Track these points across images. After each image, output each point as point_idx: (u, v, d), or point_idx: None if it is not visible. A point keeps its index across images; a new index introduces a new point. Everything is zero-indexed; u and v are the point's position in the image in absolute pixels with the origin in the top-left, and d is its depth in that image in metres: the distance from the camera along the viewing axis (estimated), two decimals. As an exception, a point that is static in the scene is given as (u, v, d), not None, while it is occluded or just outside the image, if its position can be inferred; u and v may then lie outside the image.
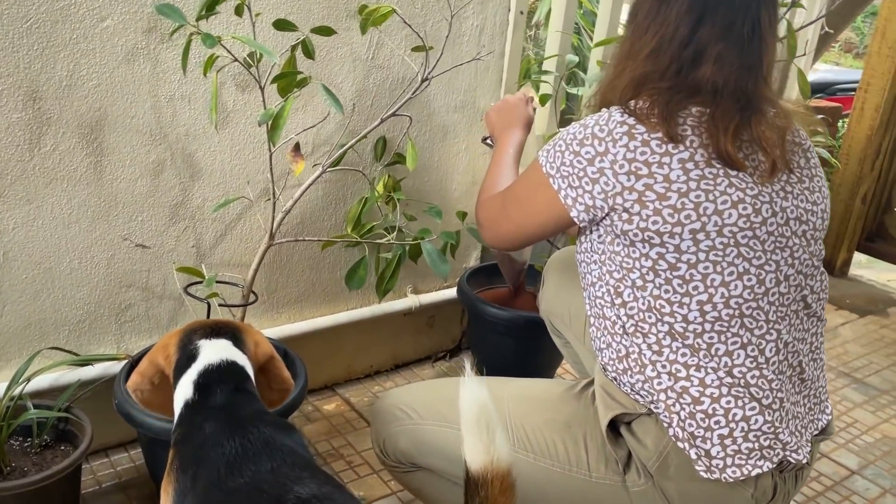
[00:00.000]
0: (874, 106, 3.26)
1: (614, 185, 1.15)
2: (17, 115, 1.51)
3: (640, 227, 1.15)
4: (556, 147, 1.24)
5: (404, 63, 1.97)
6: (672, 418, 1.19)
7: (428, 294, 2.33)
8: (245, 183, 1.84)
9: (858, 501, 1.98)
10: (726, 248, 1.15)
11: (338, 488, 1.02)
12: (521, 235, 1.37)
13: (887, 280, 3.56)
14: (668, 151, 1.14)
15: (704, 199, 1.13)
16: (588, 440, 1.27)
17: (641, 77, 1.23)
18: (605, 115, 1.20)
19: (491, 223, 1.44)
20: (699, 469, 1.18)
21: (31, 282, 1.64)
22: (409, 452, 1.38)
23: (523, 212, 1.33)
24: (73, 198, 1.63)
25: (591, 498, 1.26)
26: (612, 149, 1.16)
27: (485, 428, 0.87)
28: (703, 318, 1.17)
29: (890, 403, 2.48)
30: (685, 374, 1.18)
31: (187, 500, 1.07)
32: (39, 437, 1.57)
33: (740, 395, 1.17)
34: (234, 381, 1.15)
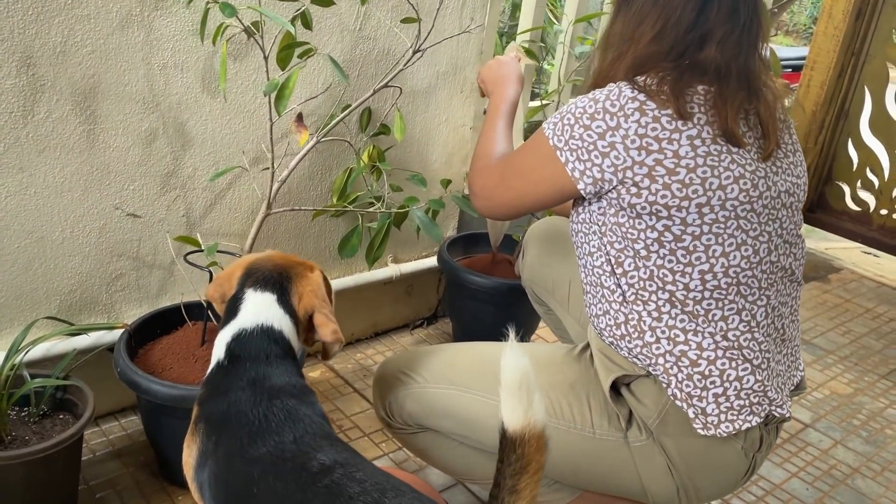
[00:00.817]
0: (819, 83, 3.44)
1: (625, 160, 1.20)
2: (11, 82, 1.49)
3: (649, 201, 1.21)
4: (564, 120, 1.26)
5: (391, 34, 1.99)
6: (670, 380, 1.27)
7: (408, 263, 2.38)
8: (235, 152, 1.85)
9: (813, 451, 2.15)
10: (727, 221, 1.23)
11: (354, 454, 1.06)
12: (520, 205, 1.39)
13: (825, 248, 3.78)
14: (677, 128, 1.20)
15: (710, 174, 1.20)
16: (591, 399, 1.34)
17: (644, 58, 1.27)
18: (615, 89, 1.24)
19: (488, 192, 1.44)
20: (696, 426, 1.27)
21: (23, 251, 1.62)
22: (417, 414, 1.44)
23: (525, 182, 1.35)
24: (65, 166, 1.61)
25: (594, 453, 1.33)
26: (624, 123, 1.20)
27: (525, 392, 0.91)
28: (704, 287, 1.25)
29: (836, 362, 2.66)
30: (683, 338, 1.26)
31: (208, 463, 1.10)
32: (38, 407, 1.57)
33: (734, 357, 1.27)
34: (265, 349, 1.17)
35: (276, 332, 1.19)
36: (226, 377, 1.16)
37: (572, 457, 1.34)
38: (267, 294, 1.22)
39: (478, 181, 1.48)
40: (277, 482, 1.01)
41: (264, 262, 1.27)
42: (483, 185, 1.46)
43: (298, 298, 1.24)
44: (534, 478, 0.92)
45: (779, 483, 2.00)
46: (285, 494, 0.99)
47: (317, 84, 1.91)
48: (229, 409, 1.11)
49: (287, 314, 1.22)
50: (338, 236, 2.15)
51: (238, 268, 1.28)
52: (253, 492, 1.01)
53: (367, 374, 2.24)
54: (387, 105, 2.05)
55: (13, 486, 1.45)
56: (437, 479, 1.83)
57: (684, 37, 1.25)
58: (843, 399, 2.43)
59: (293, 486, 0.99)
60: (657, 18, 1.27)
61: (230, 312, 1.22)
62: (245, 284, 1.24)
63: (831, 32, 3.36)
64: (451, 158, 2.34)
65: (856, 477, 2.06)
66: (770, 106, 1.28)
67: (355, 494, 0.96)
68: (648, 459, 1.31)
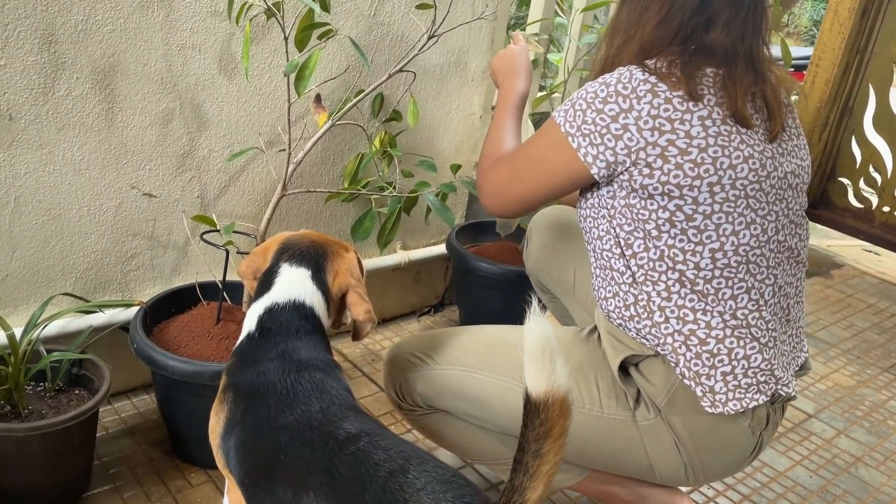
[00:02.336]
0: (824, 80, 3.46)
1: (638, 141, 1.22)
2: (33, 59, 1.50)
3: (661, 181, 1.23)
4: (575, 106, 1.27)
5: (405, 20, 2.01)
6: (679, 359, 1.29)
7: (416, 250, 2.40)
8: (250, 134, 1.86)
9: (817, 441, 2.17)
10: (737, 200, 1.25)
11: (379, 425, 1.08)
12: (532, 198, 1.37)
13: (827, 245, 3.80)
14: (689, 109, 1.22)
15: (721, 154, 1.22)
16: (599, 379, 1.36)
17: (651, 43, 1.30)
18: (625, 73, 1.26)
19: (499, 188, 1.41)
20: (704, 405, 1.29)
21: (40, 228, 1.63)
22: (427, 395, 1.45)
23: (538, 172, 1.34)
24: (84, 144, 1.63)
25: (603, 432, 1.35)
26: (637, 105, 1.22)
27: (548, 357, 0.93)
28: (714, 265, 1.27)
29: (838, 355, 2.68)
30: (692, 317, 1.28)
31: (236, 430, 1.12)
32: (54, 382, 1.59)
33: (742, 336, 1.29)
34: (295, 324, 1.19)
35: (308, 308, 1.21)
36: (255, 349, 1.18)
37: (581, 435, 1.35)
38: (302, 269, 1.24)
39: (488, 179, 1.45)
40: (305, 448, 1.02)
41: (301, 239, 1.29)
42: (493, 182, 1.43)
43: (333, 276, 1.25)
44: (557, 442, 0.94)
45: (783, 471, 2.02)
46: (312, 460, 1.01)
47: (331, 68, 1.93)
48: (258, 379, 1.13)
49: (320, 291, 1.24)
50: (348, 221, 2.16)
51: (274, 243, 1.30)
52: (280, 458, 1.03)
53: (375, 359, 2.25)
54: (398, 91, 2.07)
55: (30, 458, 1.46)
56: (447, 460, 1.84)
57: (689, 20, 1.27)
58: (845, 391, 2.45)
59: (320, 452, 1.01)
60: (663, 3, 1.29)
61: (264, 285, 1.24)
62: (280, 259, 1.25)
63: (837, 30, 3.38)
64: (461, 146, 2.35)
65: (858, 466, 2.08)
66: (775, 89, 1.30)
67: (381, 461, 0.98)
68: (656, 438, 1.33)
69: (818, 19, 10.71)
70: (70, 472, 1.55)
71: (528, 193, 1.37)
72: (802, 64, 4.34)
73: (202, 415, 1.61)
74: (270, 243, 1.30)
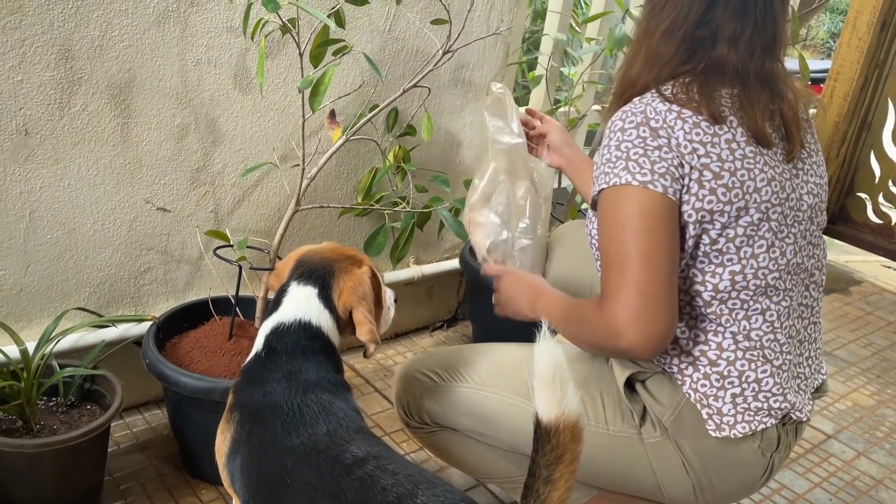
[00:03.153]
0: (842, 94, 3.42)
1: (684, 166, 1.18)
2: (50, 74, 1.51)
3: (696, 208, 1.19)
4: (630, 156, 1.18)
5: (420, 35, 2.01)
6: (685, 379, 1.26)
7: (429, 265, 2.39)
8: (264, 149, 1.86)
9: (836, 462, 2.13)
10: (760, 223, 1.22)
11: (387, 448, 1.07)
12: (669, 281, 1.15)
13: (846, 261, 3.76)
14: (715, 132, 1.20)
15: (747, 177, 1.20)
16: (605, 396, 1.33)
17: (654, 56, 1.27)
18: (644, 107, 1.21)
19: (636, 316, 1.13)
20: (709, 428, 1.26)
21: (55, 242, 1.64)
22: (435, 413, 1.43)
23: (643, 246, 1.14)
24: (99, 159, 1.63)
25: (608, 450, 1.32)
26: (673, 133, 1.18)
27: (559, 383, 0.91)
28: (732, 287, 1.24)
29: (858, 374, 2.64)
30: (703, 338, 1.26)
31: (241, 451, 1.11)
32: (66, 397, 1.58)
33: (754, 359, 1.26)
34: (302, 344, 1.18)
35: (314, 327, 1.20)
36: (262, 369, 1.17)
37: (586, 452, 1.31)
38: (308, 288, 1.23)
39: (616, 324, 1.15)
40: (311, 473, 1.01)
41: (313, 255, 1.28)
42: (625, 320, 1.13)
43: (338, 294, 1.24)
44: (569, 468, 0.92)
45: (802, 493, 1.98)
46: (319, 485, 1.00)
47: (346, 83, 1.93)
48: (264, 400, 1.12)
49: (327, 309, 1.22)
50: (362, 235, 2.15)
51: (291, 258, 1.29)
52: (286, 482, 1.02)
53: (387, 375, 2.24)
54: (413, 106, 2.06)
55: (41, 474, 1.46)
56: (458, 479, 1.83)
57: (693, 33, 1.25)
58: (865, 411, 2.41)
59: (327, 477, 1.00)
60: (669, 13, 1.27)
61: (275, 304, 1.23)
62: (292, 276, 1.25)
63: (855, 44, 3.35)
64: (476, 161, 2.34)
65: (879, 489, 2.04)
66: (793, 106, 1.28)
67: (388, 486, 0.96)
68: (663, 456, 1.30)
69: (835, 32, 10.65)
70: (81, 488, 1.55)
71: (661, 278, 1.14)
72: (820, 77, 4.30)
73: (213, 431, 1.59)
74: (289, 258, 1.30)
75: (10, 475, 1.46)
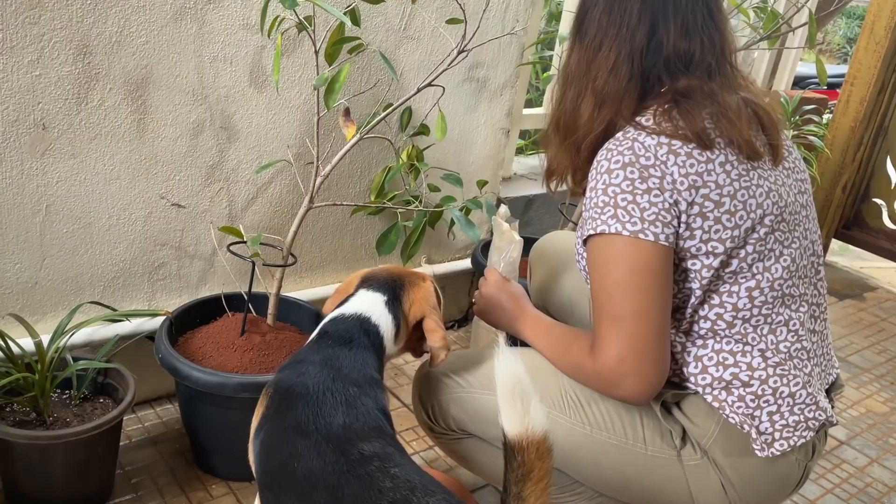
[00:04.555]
0: (859, 99, 3.40)
1: (681, 203, 1.16)
2: (68, 69, 1.52)
3: (703, 240, 1.17)
4: (618, 203, 1.14)
5: (434, 35, 2.01)
6: (721, 404, 1.23)
7: (441, 264, 2.39)
8: (278, 147, 1.87)
9: (849, 469, 2.11)
10: (767, 237, 1.21)
11: (400, 452, 1.05)
12: (661, 329, 1.15)
13: (860, 267, 3.73)
14: (708, 158, 1.17)
15: (748, 196, 1.19)
16: (643, 415, 1.29)
17: (606, 96, 1.23)
18: (632, 143, 1.16)
19: (624, 361, 1.14)
20: (755, 448, 1.23)
21: (70, 236, 1.65)
22: (461, 420, 1.38)
23: (641, 299, 1.14)
24: (115, 154, 1.64)
25: (645, 470, 1.28)
26: (668, 169, 1.15)
27: (519, 399, 0.89)
28: (752, 303, 1.22)
29: (871, 381, 2.62)
30: (732, 361, 1.23)
31: (266, 428, 1.12)
32: (79, 390, 1.59)
33: (785, 373, 1.23)
34: (354, 335, 1.21)
35: (373, 324, 1.24)
36: (307, 351, 1.21)
37: (622, 472, 1.29)
38: (377, 294, 1.29)
39: (610, 375, 1.17)
40: (316, 461, 1.02)
41: (380, 272, 1.35)
42: (619, 373, 1.15)
43: (410, 304, 1.30)
44: (538, 485, 0.90)
45: (814, 499, 1.96)
46: (321, 476, 1.00)
47: (360, 81, 1.93)
48: (297, 380, 1.14)
49: (391, 315, 1.27)
50: (374, 234, 2.16)
51: (356, 277, 1.36)
52: (293, 465, 1.03)
53: (397, 374, 2.24)
54: (426, 105, 2.07)
55: (54, 466, 1.47)
56: (468, 478, 1.82)
57: (642, 63, 1.21)
58: (879, 417, 2.39)
59: (330, 468, 1.00)
60: (609, 49, 1.22)
61: (339, 306, 1.29)
62: (360, 287, 1.31)
63: (872, 48, 3.32)
64: (488, 161, 2.35)
65: (892, 496, 2.02)
66: (766, 109, 1.26)
67: (385, 490, 0.96)
68: (702, 478, 1.27)
69: (851, 37, 10.58)
70: (93, 481, 1.56)
71: (653, 329, 1.14)
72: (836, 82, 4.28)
73: (225, 426, 1.62)
74: (353, 278, 1.36)
75: (23, 467, 1.47)
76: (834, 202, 3.56)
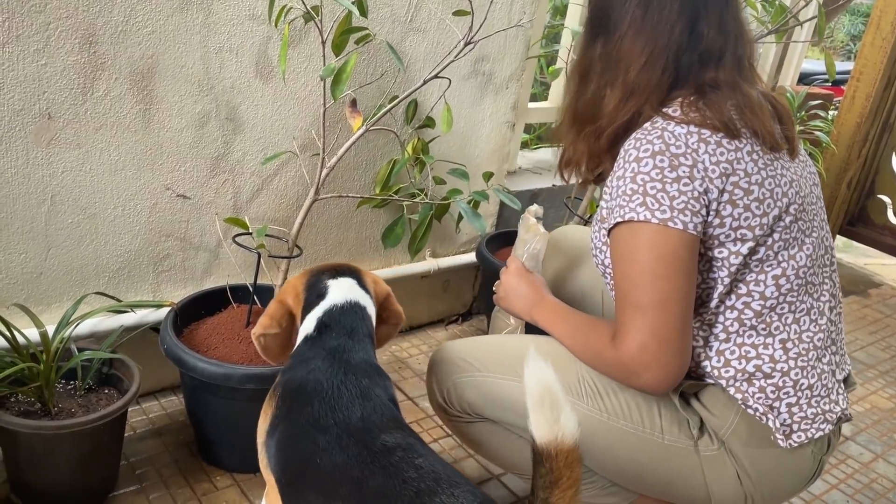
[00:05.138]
0: (865, 95, 3.39)
1: (712, 191, 1.16)
2: (73, 59, 1.51)
3: (733, 227, 1.18)
4: (647, 191, 1.13)
5: (440, 27, 2.00)
6: (744, 396, 1.23)
7: (446, 258, 2.38)
8: (284, 138, 1.86)
9: (854, 464, 2.11)
10: (791, 225, 1.22)
11: (418, 442, 1.05)
12: (685, 319, 1.15)
13: (864, 264, 3.72)
14: (737, 147, 1.18)
15: (774, 184, 1.20)
16: (661, 405, 1.28)
17: (635, 87, 1.22)
18: (662, 132, 1.16)
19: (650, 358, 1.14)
20: (778, 439, 1.23)
21: (75, 227, 1.64)
22: (477, 403, 1.38)
23: (667, 286, 1.13)
24: (121, 144, 1.63)
25: (661, 459, 1.28)
26: (699, 157, 1.15)
27: (549, 407, 0.88)
28: (778, 291, 1.22)
29: (876, 377, 2.61)
30: (755, 353, 1.23)
31: (280, 428, 1.11)
32: (84, 381, 1.59)
33: (805, 364, 1.24)
34: (352, 323, 1.20)
35: (364, 308, 1.23)
36: (311, 347, 1.19)
37: (638, 460, 1.29)
38: (347, 279, 1.26)
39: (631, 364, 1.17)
40: (339, 455, 1.01)
41: (326, 264, 1.32)
42: (641, 362, 1.15)
43: (373, 284, 1.29)
44: (566, 493, 0.89)
45: (819, 494, 1.96)
46: (345, 468, 1.00)
47: (366, 73, 1.93)
48: (307, 377, 1.13)
49: (370, 297, 1.26)
50: (378, 227, 2.16)
51: (299, 279, 1.30)
52: (316, 461, 1.02)
53: (401, 367, 2.24)
54: (432, 97, 2.06)
55: (59, 456, 1.47)
56: (472, 472, 1.82)
57: (678, 57, 1.22)
58: (883, 413, 2.39)
59: (353, 461, 1.00)
60: (645, 43, 1.22)
61: (315, 300, 1.24)
62: (321, 280, 1.26)
63: (879, 44, 3.31)
64: (493, 154, 2.34)
65: (897, 491, 2.02)
66: (781, 103, 1.28)
67: (410, 479, 0.95)
68: (718, 468, 1.27)
69: (856, 34, 10.54)
70: (97, 472, 1.55)
71: (676, 320, 1.13)
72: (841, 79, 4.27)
73: (230, 417, 1.61)
74: (295, 281, 1.30)
75: (27, 456, 1.47)
76: (839, 198, 3.55)
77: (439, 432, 1.96)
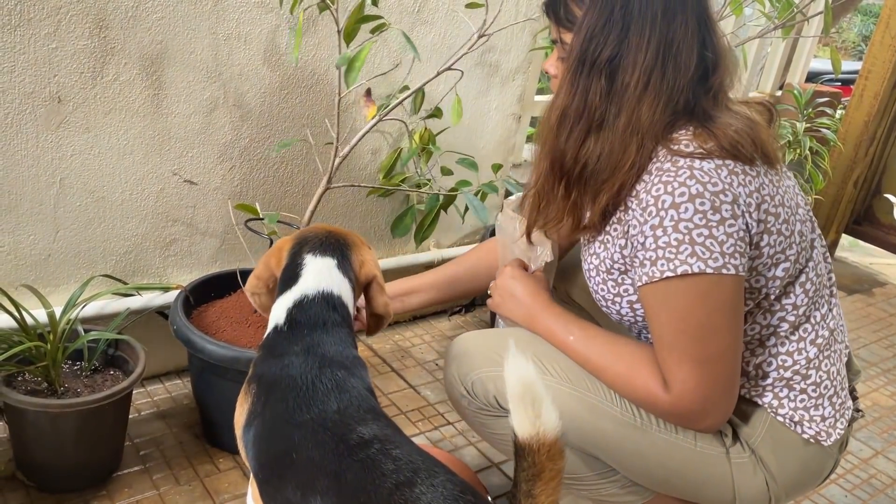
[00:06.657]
0: (873, 93, 3.37)
1: (752, 226, 1.14)
2: (84, 43, 1.53)
3: (770, 255, 1.17)
4: (694, 238, 1.09)
5: (448, 18, 2.01)
6: (783, 402, 1.25)
7: (450, 248, 2.39)
8: (290, 126, 1.88)
9: (853, 460, 2.11)
10: (804, 232, 1.25)
11: (397, 431, 1.05)
12: (737, 372, 1.16)
13: (869, 263, 3.71)
14: (757, 172, 1.16)
15: (788, 201, 1.21)
16: None
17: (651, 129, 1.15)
18: (687, 173, 1.10)
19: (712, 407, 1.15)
20: (821, 439, 1.24)
21: (84, 210, 1.66)
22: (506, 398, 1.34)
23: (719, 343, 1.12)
24: (129, 129, 1.65)
25: (691, 466, 1.27)
26: (735, 191, 1.11)
27: (529, 403, 0.88)
28: (806, 295, 1.24)
29: (878, 375, 2.62)
30: (791, 361, 1.24)
31: (255, 423, 1.11)
32: (90, 361, 1.61)
33: (829, 355, 1.27)
34: (324, 316, 1.16)
35: (336, 297, 1.18)
36: (283, 342, 1.16)
37: (668, 464, 1.28)
38: (327, 259, 1.20)
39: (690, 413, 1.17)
40: (316, 450, 1.01)
41: (317, 231, 1.25)
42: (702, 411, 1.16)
43: (360, 264, 1.23)
44: (549, 485, 0.90)
45: (817, 489, 1.97)
46: (322, 464, 0.99)
47: (373, 64, 1.94)
48: (281, 373, 1.11)
49: (347, 279, 1.20)
50: (383, 216, 2.17)
51: (286, 242, 1.25)
52: (292, 457, 1.02)
53: (404, 356, 2.25)
54: (439, 88, 2.07)
55: (64, 434, 1.49)
56: (472, 459, 1.84)
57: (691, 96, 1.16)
58: (884, 410, 2.39)
59: (330, 456, 0.99)
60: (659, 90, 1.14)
61: (289, 280, 1.20)
62: (301, 251, 1.21)
63: (888, 42, 3.30)
64: (499, 146, 2.35)
65: (895, 488, 2.02)
66: (762, 115, 1.27)
67: (388, 472, 0.95)
68: (748, 475, 1.27)
69: (867, 34, 10.49)
70: (102, 451, 1.58)
71: (735, 364, 1.15)
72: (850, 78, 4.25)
73: (235, 400, 1.62)
74: (282, 243, 1.26)
75: (34, 435, 1.49)
76: (845, 197, 3.54)
77: (440, 420, 1.97)
